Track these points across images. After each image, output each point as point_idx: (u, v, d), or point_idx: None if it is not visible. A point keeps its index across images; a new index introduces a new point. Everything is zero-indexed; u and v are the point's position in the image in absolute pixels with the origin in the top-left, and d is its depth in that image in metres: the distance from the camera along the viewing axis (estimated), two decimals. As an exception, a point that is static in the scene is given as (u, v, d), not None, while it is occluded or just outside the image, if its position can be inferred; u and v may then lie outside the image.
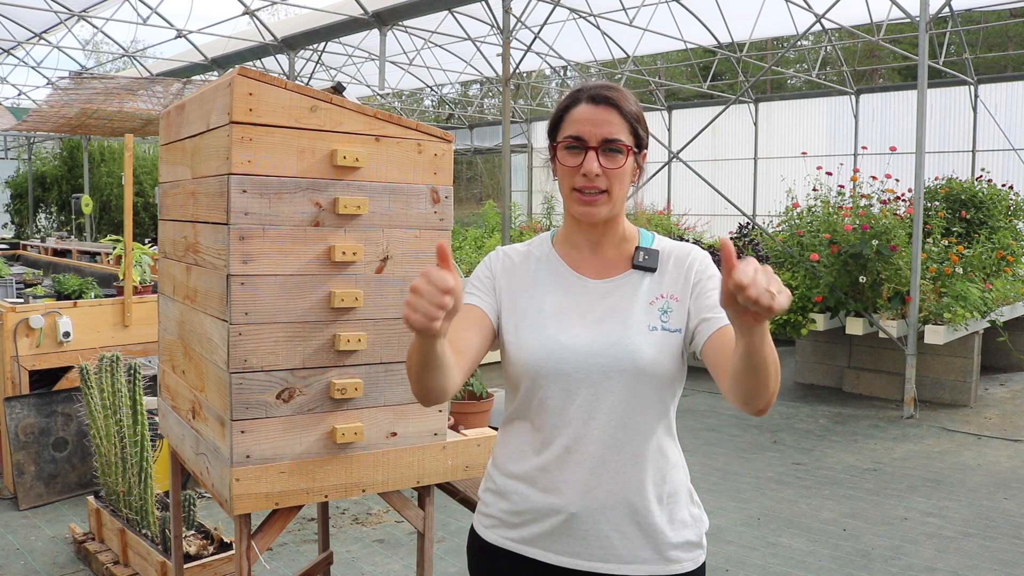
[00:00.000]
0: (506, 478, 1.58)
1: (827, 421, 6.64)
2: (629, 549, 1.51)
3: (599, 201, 1.51)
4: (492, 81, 16.89)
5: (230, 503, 1.98)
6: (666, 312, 1.54)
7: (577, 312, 1.55)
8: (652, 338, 1.51)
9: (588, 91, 1.52)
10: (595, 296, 1.56)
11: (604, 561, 1.51)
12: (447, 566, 3.83)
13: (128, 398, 3.79)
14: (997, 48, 20.49)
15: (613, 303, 1.54)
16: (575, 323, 1.53)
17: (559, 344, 1.51)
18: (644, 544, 1.52)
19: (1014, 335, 8.23)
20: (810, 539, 4.21)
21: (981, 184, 9.15)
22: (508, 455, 1.60)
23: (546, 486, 1.52)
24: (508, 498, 1.57)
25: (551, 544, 1.53)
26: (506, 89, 8.12)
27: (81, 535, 4.01)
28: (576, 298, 1.56)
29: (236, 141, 1.91)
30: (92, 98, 10.74)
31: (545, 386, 1.52)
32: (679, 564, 1.55)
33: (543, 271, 1.60)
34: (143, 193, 17.18)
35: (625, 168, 1.51)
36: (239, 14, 11.67)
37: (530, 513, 1.54)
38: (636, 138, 1.53)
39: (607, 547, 1.51)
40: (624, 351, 1.49)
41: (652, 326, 1.52)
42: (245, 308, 1.95)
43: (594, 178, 1.50)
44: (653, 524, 1.52)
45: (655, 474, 1.53)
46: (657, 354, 1.50)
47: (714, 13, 12.85)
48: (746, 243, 11.33)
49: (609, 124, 1.49)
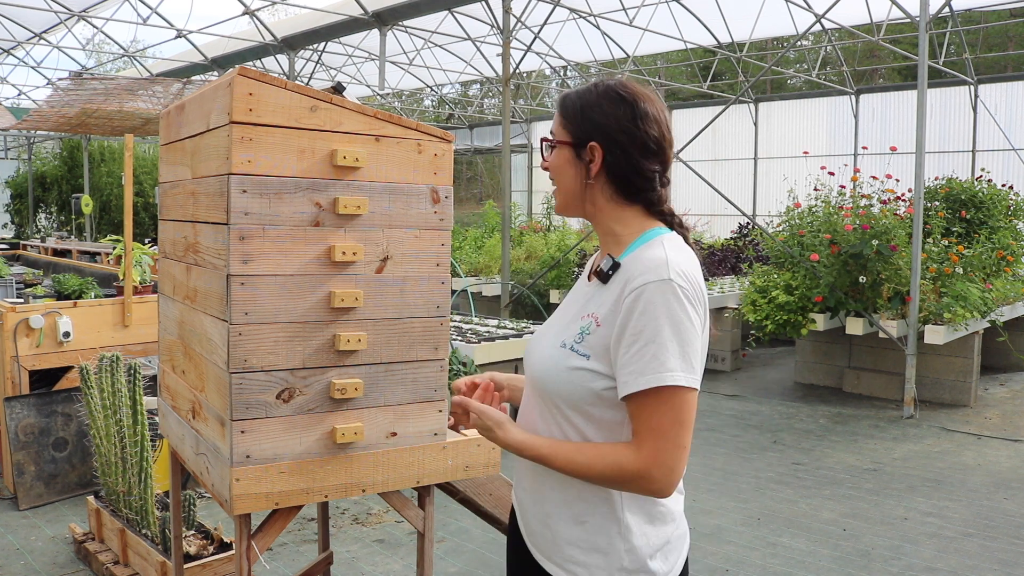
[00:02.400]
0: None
1: (827, 421, 6.64)
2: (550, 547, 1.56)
3: (556, 195, 1.60)
4: (492, 81, 16.89)
5: (230, 503, 1.98)
6: (584, 333, 1.46)
7: (555, 318, 1.63)
8: (558, 355, 1.48)
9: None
10: (580, 299, 1.58)
11: (536, 549, 1.58)
12: (447, 566, 3.83)
13: (128, 398, 3.79)
14: (997, 48, 20.49)
15: (573, 310, 1.57)
16: (545, 330, 1.63)
17: (527, 351, 1.67)
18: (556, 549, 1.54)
19: (1014, 335, 8.23)
20: (810, 539, 4.21)
21: (981, 184, 9.15)
22: None
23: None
24: None
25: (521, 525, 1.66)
26: (506, 89, 8.12)
27: (81, 535, 4.01)
28: (567, 301, 1.64)
29: (236, 141, 1.91)
30: (92, 98, 10.74)
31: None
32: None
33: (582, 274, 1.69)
34: (143, 193, 17.17)
35: (554, 162, 1.57)
36: (239, 14, 11.67)
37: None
38: (570, 132, 1.53)
39: (537, 540, 1.58)
40: (536, 365, 1.56)
41: (563, 343, 1.49)
42: (245, 308, 1.95)
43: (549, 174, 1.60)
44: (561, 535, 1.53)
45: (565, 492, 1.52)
46: (561, 373, 1.46)
47: (714, 13, 12.85)
48: (746, 243, 11.34)
49: (553, 121, 1.60)
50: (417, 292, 2.16)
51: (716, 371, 8.55)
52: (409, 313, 2.15)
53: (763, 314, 7.36)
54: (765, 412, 6.94)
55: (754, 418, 6.73)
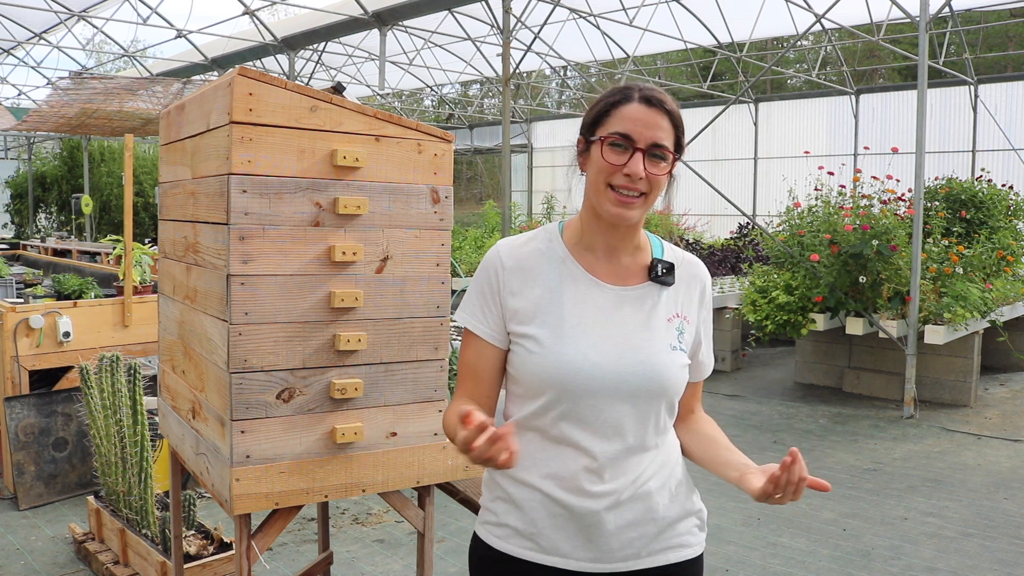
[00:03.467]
0: (519, 486, 1.54)
1: (827, 421, 6.64)
2: (645, 544, 1.55)
3: (636, 204, 1.48)
4: (492, 81, 16.89)
5: (230, 503, 1.98)
6: (681, 333, 1.58)
7: (600, 324, 1.51)
8: (673, 358, 1.55)
9: (642, 91, 1.49)
10: (613, 304, 1.53)
11: (624, 560, 1.54)
12: (447, 566, 3.83)
13: (128, 398, 3.79)
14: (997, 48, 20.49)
15: (635, 316, 1.53)
16: (600, 336, 1.50)
17: (587, 360, 1.48)
18: (657, 536, 1.57)
19: (1014, 335, 8.23)
20: (810, 539, 4.21)
21: (981, 184, 9.15)
22: (520, 464, 1.52)
23: (564, 497, 1.50)
24: (522, 507, 1.53)
25: (573, 551, 1.51)
26: (506, 89, 8.12)
27: (81, 535, 4.01)
28: (595, 306, 1.53)
29: (236, 141, 1.91)
30: (92, 98, 10.74)
31: (571, 400, 1.48)
32: (690, 548, 1.63)
33: (557, 273, 1.55)
34: (143, 193, 17.18)
35: (666, 176, 1.51)
36: (239, 14, 11.67)
37: (547, 521, 1.51)
38: (678, 146, 1.52)
39: (627, 547, 1.53)
40: (652, 370, 1.51)
41: (672, 345, 1.55)
42: (245, 308, 1.95)
43: (637, 180, 1.46)
44: (665, 518, 1.57)
45: (665, 475, 1.58)
46: (678, 373, 1.55)
47: (714, 13, 12.85)
48: (746, 243, 11.34)
49: (659, 128, 1.47)
50: (417, 292, 2.16)
51: (716, 371, 8.55)
52: (409, 313, 2.15)
53: (763, 314, 7.36)
54: (765, 412, 6.94)
55: (754, 418, 6.73)
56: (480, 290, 1.58)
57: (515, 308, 1.54)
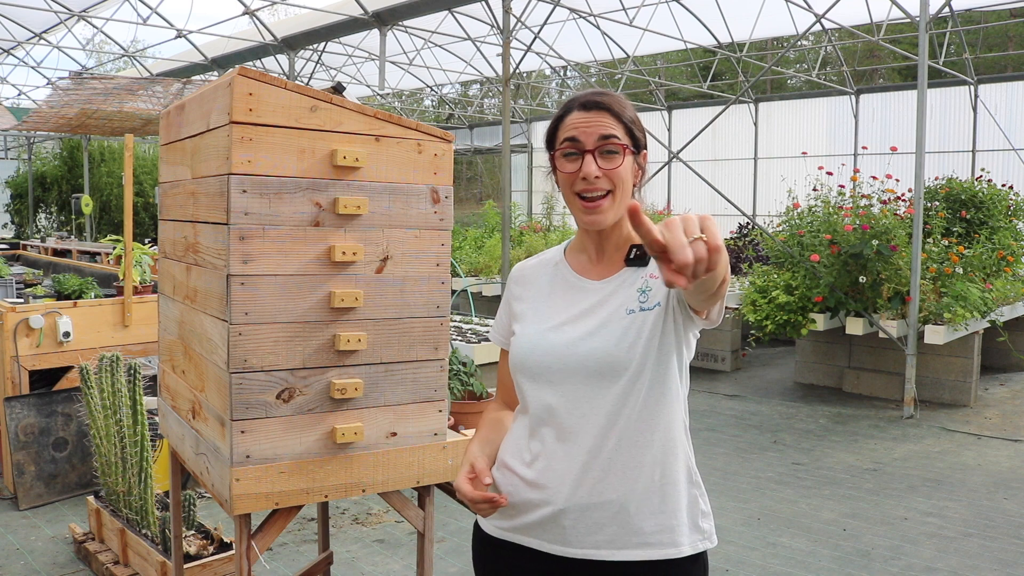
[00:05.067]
0: (501, 470, 1.63)
1: (827, 421, 6.64)
2: (618, 535, 1.52)
3: (603, 205, 1.52)
4: (492, 81, 16.88)
5: (230, 503, 1.98)
6: (644, 292, 1.53)
7: (567, 311, 1.58)
8: (625, 323, 1.51)
9: (579, 99, 1.55)
10: (592, 297, 1.58)
11: (595, 548, 1.53)
12: (447, 566, 3.83)
13: (128, 398, 3.79)
14: (997, 48, 20.49)
15: (602, 300, 1.57)
16: (562, 322, 1.58)
17: (544, 340, 1.56)
18: (634, 531, 1.52)
19: (1014, 335, 8.23)
20: (810, 539, 4.21)
21: (981, 184, 9.14)
22: (506, 448, 1.66)
23: (534, 479, 1.56)
24: (507, 492, 1.61)
25: (543, 533, 1.56)
26: (506, 89, 8.12)
27: (81, 535, 4.01)
28: (572, 299, 1.60)
29: (236, 141, 1.91)
30: (92, 98, 10.74)
31: (530, 381, 1.58)
32: (670, 549, 1.54)
33: (550, 277, 1.65)
34: (143, 193, 17.18)
35: (624, 167, 1.52)
36: (239, 14, 11.66)
37: (522, 505, 1.58)
38: (632, 138, 1.54)
39: (596, 534, 1.53)
40: (597, 345, 1.50)
41: (629, 309, 1.53)
42: (245, 308, 1.95)
43: (594, 180, 1.51)
44: (638, 512, 1.52)
45: (650, 466, 1.52)
46: (625, 339, 1.50)
47: (714, 13, 12.84)
48: (746, 243, 11.34)
49: (602, 125, 1.51)
50: (417, 292, 2.16)
51: (716, 371, 8.55)
52: (409, 313, 2.15)
53: (763, 314, 7.36)
54: (765, 412, 6.94)
55: (754, 418, 6.73)
56: (501, 305, 1.76)
57: (516, 311, 1.68)
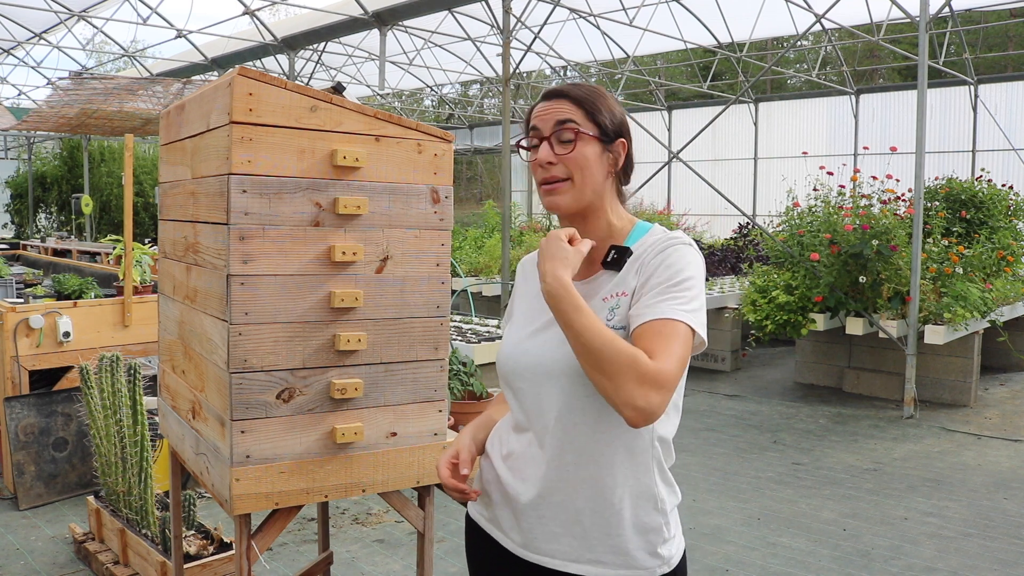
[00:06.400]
0: (486, 456, 1.68)
1: (827, 421, 6.64)
2: (574, 548, 1.50)
3: (560, 189, 1.52)
4: (492, 81, 16.89)
5: (230, 503, 1.98)
6: (614, 309, 1.49)
7: (543, 315, 1.55)
8: None
9: (546, 91, 1.58)
10: None
11: (551, 556, 1.52)
12: (447, 566, 3.83)
13: (128, 398, 3.79)
14: (997, 48, 20.49)
15: None
16: (534, 326, 1.58)
17: (518, 347, 1.59)
18: (588, 547, 1.49)
19: (1014, 335, 8.23)
20: (810, 539, 4.21)
21: (981, 184, 9.15)
22: (493, 436, 1.70)
23: (505, 475, 1.60)
24: (482, 477, 1.67)
25: (509, 531, 1.59)
26: (506, 89, 8.12)
27: (81, 535, 4.01)
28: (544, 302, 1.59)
29: (236, 141, 1.91)
30: (92, 98, 10.74)
31: (507, 385, 1.61)
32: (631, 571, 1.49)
33: (535, 275, 1.61)
34: (143, 193, 17.18)
35: (581, 153, 1.50)
36: (239, 14, 11.67)
37: (497, 497, 1.62)
38: (598, 125, 1.52)
39: (553, 543, 1.52)
40: (561, 353, 1.48)
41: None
42: (245, 308, 1.95)
43: (548, 166, 1.51)
44: (596, 532, 1.49)
45: (609, 488, 1.48)
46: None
47: (714, 13, 12.85)
48: (746, 243, 11.34)
49: (559, 112, 1.52)
50: (417, 292, 2.16)
51: (716, 371, 8.55)
52: (409, 313, 2.15)
53: (763, 314, 7.36)
54: (765, 412, 6.94)
55: (754, 418, 6.73)
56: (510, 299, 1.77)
57: (512, 310, 1.73)
